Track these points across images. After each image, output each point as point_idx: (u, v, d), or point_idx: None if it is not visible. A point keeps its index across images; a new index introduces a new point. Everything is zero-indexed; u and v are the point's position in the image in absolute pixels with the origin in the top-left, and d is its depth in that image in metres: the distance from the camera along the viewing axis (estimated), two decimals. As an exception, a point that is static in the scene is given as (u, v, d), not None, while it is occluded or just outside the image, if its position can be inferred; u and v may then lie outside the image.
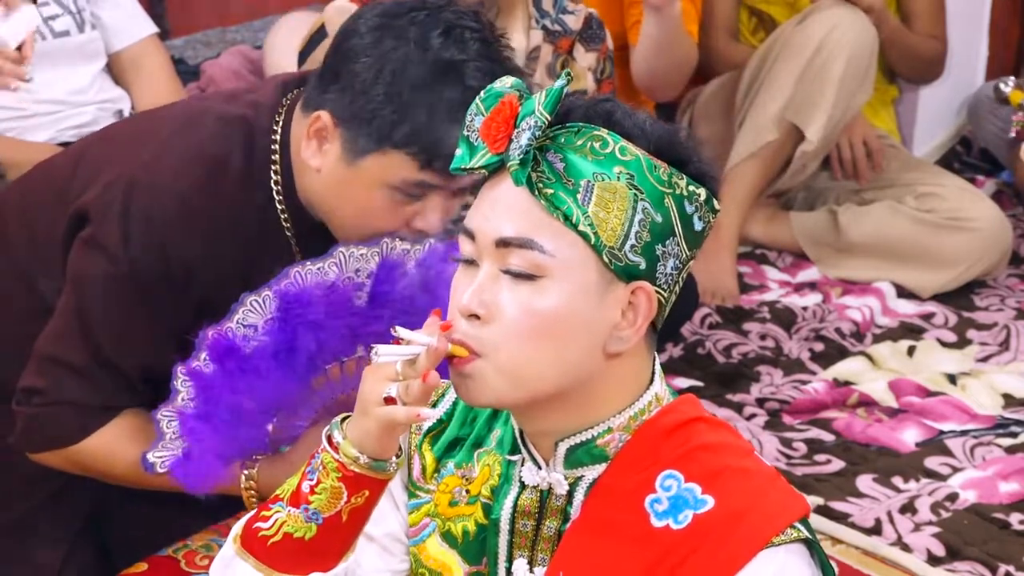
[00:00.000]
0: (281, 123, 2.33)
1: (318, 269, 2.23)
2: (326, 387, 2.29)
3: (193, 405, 2.23)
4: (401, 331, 1.72)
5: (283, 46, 3.93)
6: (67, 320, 2.30)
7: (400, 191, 2.23)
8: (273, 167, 2.31)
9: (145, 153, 2.32)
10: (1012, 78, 3.71)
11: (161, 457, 2.27)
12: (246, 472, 2.29)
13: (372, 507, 1.78)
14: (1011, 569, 3.04)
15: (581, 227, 1.67)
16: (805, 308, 3.96)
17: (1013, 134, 3.65)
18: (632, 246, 1.69)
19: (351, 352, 2.28)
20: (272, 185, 2.32)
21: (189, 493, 2.29)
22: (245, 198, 2.30)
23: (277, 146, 2.32)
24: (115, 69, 3.71)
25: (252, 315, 2.22)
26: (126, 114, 3.67)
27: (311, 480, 1.76)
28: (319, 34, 2.90)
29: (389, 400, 1.71)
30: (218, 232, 2.27)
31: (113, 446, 2.33)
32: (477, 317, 1.69)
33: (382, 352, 1.72)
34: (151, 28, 3.74)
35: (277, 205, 2.32)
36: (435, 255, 2.28)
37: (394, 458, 1.77)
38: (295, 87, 2.37)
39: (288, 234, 2.34)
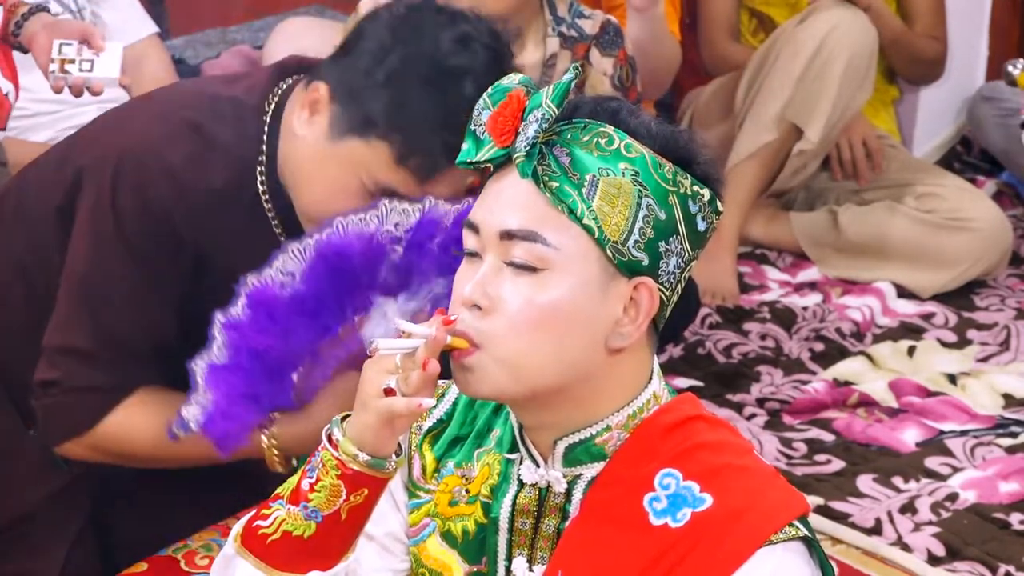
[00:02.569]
0: (274, 105, 2.35)
1: (359, 219, 2.19)
2: (351, 337, 2.23)
3: (225, 355, 2.20)
4: (402, 323, 1.72)
5: (283, 51, 3.93)
6: (68, 306, 2.31)
7: (370, 186, 2.23)
8: (261, 146, 2.33)
9: (137, 123, 2.36)
10: (1021, 60, 3.67)
11: (194, 414, 2.22)
12: (265, 432, 2.27)
13: (371, 506, 1.78)
14: (1011, 569, 3.04)
15: (585, 221, 1.67)
16: (805, 308, 3.95)
17: None
18: (635, 242, 1.69)
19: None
20: (257, 165, 2.33)
21: (198, 489, 2.27)
22: (231, 173, 2.31)
23: (266, 127, 2.33)
24: (115, 69, 3.71)
25: (291, 263, 2.19)
26: (126, 114, 3.68)
27: (311, 478, 1.76)
28: None
29: (388, 392, 1.71)
30: (203, 201, 2.27)
31: (132, 423, 2.30)
32: (479, 308, 1.70)
33: (382, 345, 1.72)
34: (151, 28, 3.74)
35: (259, 186, 2.32)
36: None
37: (393, 457, 1.76)
38: (293, 72, 2.38)
39: (269, 213, 2.35)
